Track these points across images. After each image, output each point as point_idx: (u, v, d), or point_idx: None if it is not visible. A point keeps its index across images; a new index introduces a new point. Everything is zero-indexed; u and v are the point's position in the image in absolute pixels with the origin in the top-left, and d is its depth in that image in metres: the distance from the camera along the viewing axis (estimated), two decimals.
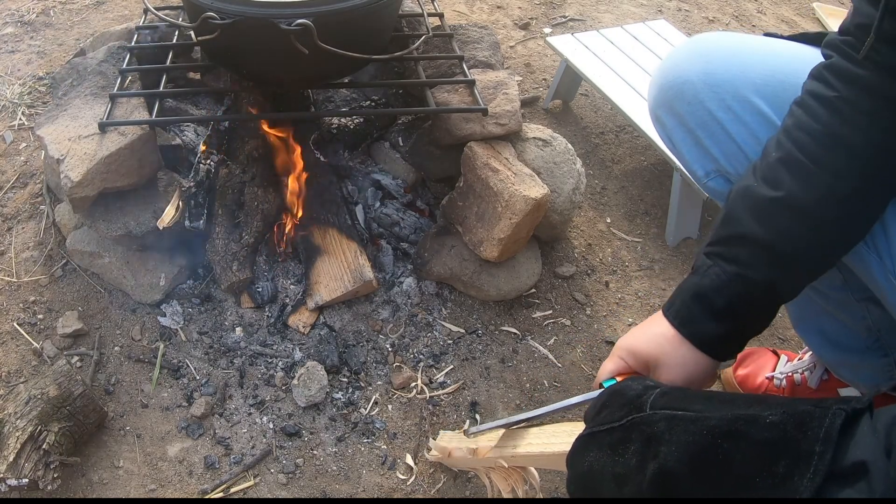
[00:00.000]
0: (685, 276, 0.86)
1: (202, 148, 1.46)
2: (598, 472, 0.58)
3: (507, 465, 1.01)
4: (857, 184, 0.77)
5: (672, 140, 1.01)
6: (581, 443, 0.66)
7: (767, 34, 1.00)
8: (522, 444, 0.99)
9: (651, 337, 0.84)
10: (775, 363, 1.34)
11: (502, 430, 1.03)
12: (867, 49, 0.73)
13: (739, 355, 1.39)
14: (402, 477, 1.23)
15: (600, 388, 0.89)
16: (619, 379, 0.89)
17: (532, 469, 1.03)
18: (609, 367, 0.89)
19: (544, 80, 2.25)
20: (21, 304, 1.42)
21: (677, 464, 0.50)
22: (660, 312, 0.86)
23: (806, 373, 1.29)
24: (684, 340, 0.81)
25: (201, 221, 1.38)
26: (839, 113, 0.77)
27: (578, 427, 0.85)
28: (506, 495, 1.07)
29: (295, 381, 1.29)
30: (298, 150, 1.47)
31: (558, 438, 0.93)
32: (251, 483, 1.19)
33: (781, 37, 0.99)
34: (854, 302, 1.02)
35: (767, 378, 1.32)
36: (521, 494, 1.05)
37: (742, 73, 0.91)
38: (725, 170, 0.94)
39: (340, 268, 1.41)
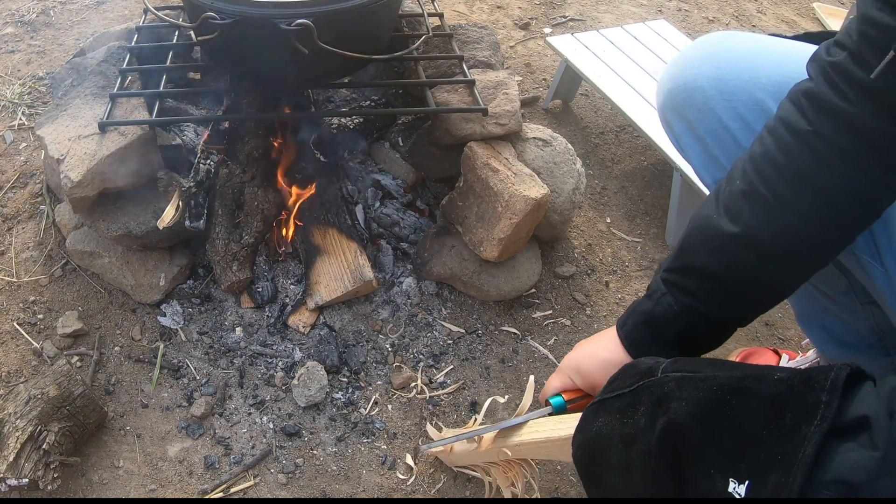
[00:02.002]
0: (640, 296, 0.87)
1: (205, 139, 1.46)
2: (607, 436, 0.58)
3: (510, 455, 1.00)
4: (820, 227, 0.72)
5: (681, 144, 1.01)
6: (591, 411, 0.65)
7: (771, 35, 0.99)
8: (528, 432, 0.98)
9: (598, 361, 0.85)
10: (777, 362, 1.34)
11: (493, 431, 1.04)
12: (881, 71, 0.60)
13: (741, 355, 1.39)
14: (402, 477, 1.23)
15: (546, 404, 0.92)
16: (565, 396, 0.92)
17: (532, 463, 1.03)
18: (555, 384, 0.91)
19: (544, 80, 2.25)
20: (21, 304, 1.42)
21: (687, 417, 0.50)
22: (611, 329, 0.87)
23: (806, 366, 1.29)
24: (627, 356, 0.83)
25: (201, 221, 1.38)
26: (811, 149, 0.69)
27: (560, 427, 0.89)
28: (505, 491, 1.07)
29: (295, 381, 1.29)
30: (298, 150, 1.47)
31: (565, 424, 0.91)
32: (251, 483, 1.19)
33: (786, 37, 0.98)
34: (859, 306, 1.02)
35: None
36: (520, 490, 1.05)
37: (753, 78, 0.89)
38: None
39: (340, 268, 1.41)
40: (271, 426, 1.27)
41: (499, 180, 1.34)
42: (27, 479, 1.05)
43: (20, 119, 1.87)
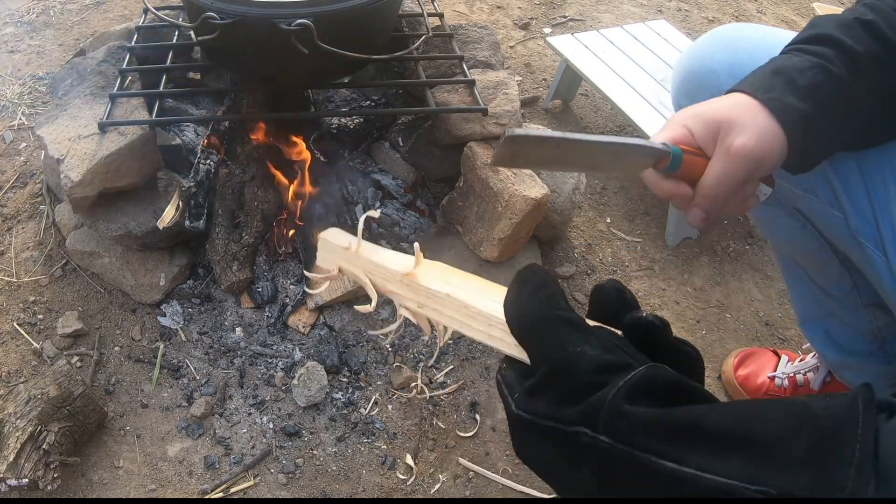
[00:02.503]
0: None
1: (204, 143, 1.46)
2: (551, 463, 0.48)
3: (434, 317, 0.94)
4: None
5: None
6: (521, 426, 0.49)
7: None
8: (430, 308, 0.88)
9: (721, 103, 0.75)
10: (776, 363, 1.34)
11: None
12: None
13: (739, 355, 1.39)
14: (402, 477, 1.23)
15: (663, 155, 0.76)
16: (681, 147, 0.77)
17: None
18: (665, 136, 0.76)
19: (544, 80, 2.25)
20: (21, 304, 1.42)
21: None
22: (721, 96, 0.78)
23: (809, 374, 1.29)
24: (763, 108, 0.72)
25: (201, 221, 1.38)
26: None
27: (499, 296, 0.72)
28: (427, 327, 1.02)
29: (295, 381, 1.29)
30: (298, 149, 1.47)
31: (476, 323, 0.84)
32: (251, 483, 1.19)
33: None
34: (861, 307, 1.02)
35: (769, 378, 1.32)
36: (448, 334, 0.99)
37: None
38: None
39: None
40: (271, 426, 1.27)
41: (499, 180, 1.34)
42: (27, 479, 1.05)
43: (20, 119, 1.87)
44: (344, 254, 1.07)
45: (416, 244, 0.86)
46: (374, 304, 0.91)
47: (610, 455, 0.42)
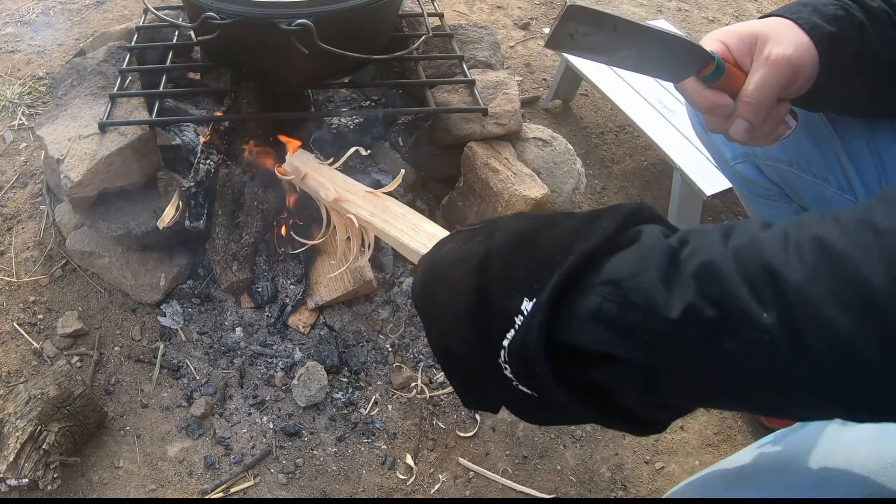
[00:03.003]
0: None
1: (204, 139, 1.46)
2: (445, 258, 0.59)
3: (356, 225, 1.04)
4: None
5: (701, 122, 1.01)
6: (443, 239, 0.64)
7: None
8: (381, 217, 1.00)
9: (754, 22, 0.78)
10: None
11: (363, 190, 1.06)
12: None
13: None
14: (402, 477, 1.23)
15: (707, 62, 0.77)
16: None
17: (376, 236, 1.04)
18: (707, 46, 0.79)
19: (544, 80, 2.25)
20: (21, 304, 1.42)
21: (503, 244, 0.53)
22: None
23: None
24: (795, 25, 0.75)
25: (201, 221, 1.38)
26: None
27: (441, 234, 0.86)
28: (340, 241, 1.14)
29: (295, 381, 1.29)
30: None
31: (417, 236, 0.93)
32: (251, 483, 1.19)
33: None
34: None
35: None
36: (353, 248, 1.09)
37: None
38: (754, 154, 0.92)
39: (341, 267, 1.41)
40: (271, 426, 1.27)
41: (499, 180, 1.34)
42: (27, 479, 1.05)
43: (20, 119, 1.87)
44: (317, 165, 1.14)
45: (402, 171, 1.03)
46: (331, 193, 1.06)
47: (507, 216, 0.57)
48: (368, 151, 1.43)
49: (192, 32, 1.28)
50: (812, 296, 0.40)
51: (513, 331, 0.48)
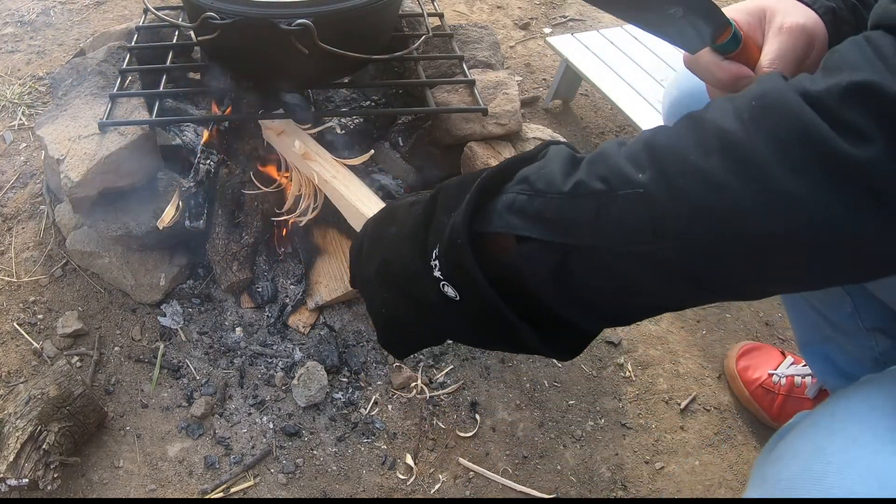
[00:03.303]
0: None
1: (205, 138, 1.46)
2: (400, 204, 0.68)
3: (315, 182, 1.16)
4: None
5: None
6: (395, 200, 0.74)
7: None
8: (341, 182, 1.15)
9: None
10: (779, 362, 1.34)
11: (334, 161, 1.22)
12: None
13: (744, 347, 1.39)
14: (402, 477, 1.23)
15: (723, 30, 0.75)
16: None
17: (329, 198, 1.18)
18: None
19: (544, 80, 2.25)
20: (21, 304, 1.42)
21: (450, 183, 0.62)
22: None
23: (807, 379, 1.29)
24: (798, 2, 0.74)
25: (201, 221, 1.38)
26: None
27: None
28: (291, 195, 1.31)
29: (295, 381, 1.29)
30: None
31: (370, 205, 1.05)
32: (251, 483, 1.19)
33: None
34: (863, 331, 1.00)
35: (768, 374, 1.33)
36: (302, 205, 1.28)
37: None
38: None
39: (341, 268, 1.41)
40: (271, 426, 1.27)
41: None
42: (27, 479, 1.05)
43: (20, 119, 1.87)
44: (295, 127, 1.20)
45: (372, 151, 1.17)
46: (301, 149, 1.21)
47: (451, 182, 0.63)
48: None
49: (192, 32, 1.28)
50: (679, 149, 0.48)
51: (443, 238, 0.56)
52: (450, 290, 0.57)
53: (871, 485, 0.50)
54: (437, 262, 0.57)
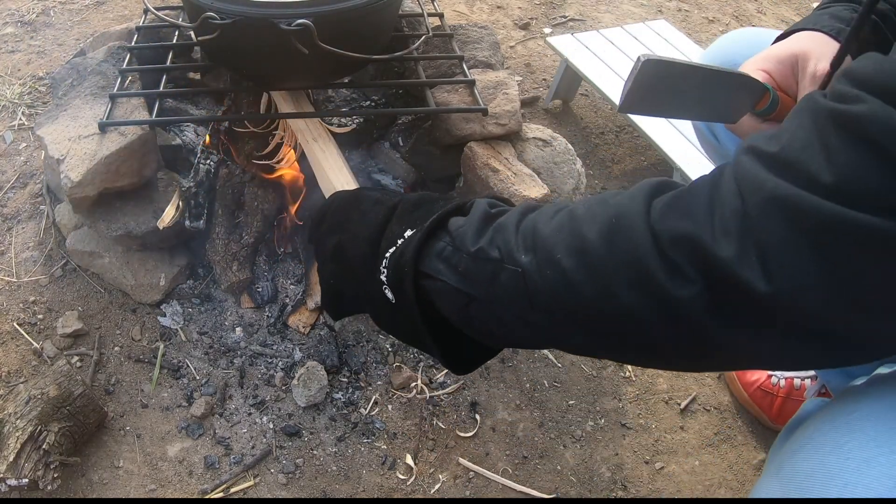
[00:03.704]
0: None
1: (207, 140, 1.47)
2: (368, 196, 0.83)
3: (295, 139, 1.32)
4: None
5: (705, 125, 1.01)
6: (362, 187, 0.96)
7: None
8: (319, 146, 1.27)
9: (785, 43, 0.79)
10: None
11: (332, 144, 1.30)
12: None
13: None
14: (402, 477, 1.23)
15: (763, 95, 0.78)
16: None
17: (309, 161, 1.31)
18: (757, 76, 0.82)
19: (544, 80, 2.25)
20: (21, 304, 1.42)
21: (409, 200, 0.79)
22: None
23: (807, 381, 1.29)
24: (826, 36, 0.77)
25: (201, 221, 1.38)
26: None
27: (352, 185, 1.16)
28: (274, 141, 1.41)
29: (295, 381, 1.29)
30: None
31: (340, 176, 1.20)
32: (251, 483, 1.19)
33: None
34: None
35: (768, 375, 1.33)
36: (280, 154, 1.41)
37: None
38: None
39: None
40: (271, 426, 1.27)
41: (499, 180, 1.34)
42: (27, 479, 1.05)
43: (20, 119, 1.87)
44: (297, 93, 1.34)
45: (355, 125, 1.42)
46: (291, 107, 1.33)
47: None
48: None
49: (192, 32, 1.28)
50: (552, 244, 0.59)
51: (394, 248, 0.71)
52: (389, 293, 0.72)
53: (888, 483, 0.51)
54: (385, 269, 0.71)
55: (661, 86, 0.69)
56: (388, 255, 0.71)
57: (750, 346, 0.53)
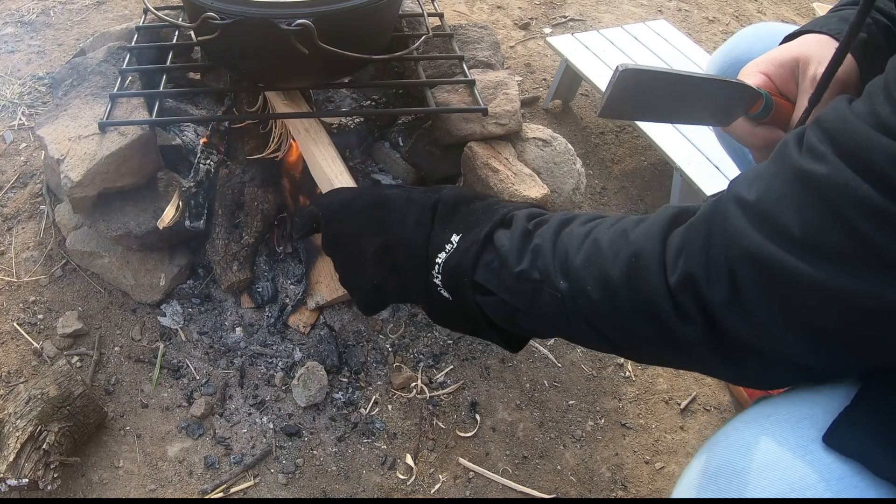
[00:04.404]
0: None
1: (204, 141, 1.47)
2: (395, 196, 0.86)
3: (296, 136, 1.33)
4: None
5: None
6: (374, 185, 1.04)
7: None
8: (311, 137, 1.28)
9: (788, 46, 0.80)
10: None
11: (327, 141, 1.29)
12: None
13: None
14: (402, 477, 1.23)
15: (754, 101, 0.77)
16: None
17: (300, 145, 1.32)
18: (752, 82, 0.81)
19: (544, 80, 2.25)
20: (21, 304, 1.42)
21: (448, 197, 0.84)
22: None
23: None
24: (829, 39, 0.77)
25: (201, 221, 1.38)
26: None
27: (344, 177, 1.18)
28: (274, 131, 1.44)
29: (295, 381, 1.29)
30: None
31: (334, 167, 1.21)
32: (251, 483, 1.19)
33: None
34: None
35: None
36: (269, 143, 1.43)
37: None
38: None
39: None
40: (271, 426, 1.27)
41: (499, 180, 1.34)
42: (27, 479, 1.05)
43: (20, 119, 1.87)
44: (292, 91, 1.35)
45: (345, 113, 1.45)
46: (284, 103, 1.34)
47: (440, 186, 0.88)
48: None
49: (192, 32, 1.28)
50: (583, 278, 0.66)
51: (444, 253, 0.78)
52: (445, 293, 0.79)
53: (781, 487, 0.55)
54: (439, 275, 0.78)
55: (639, 94, 0.70)
56: (439, 260, 0.78)
57: (743, 372, 0.61)
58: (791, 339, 0.55)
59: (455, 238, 0.77)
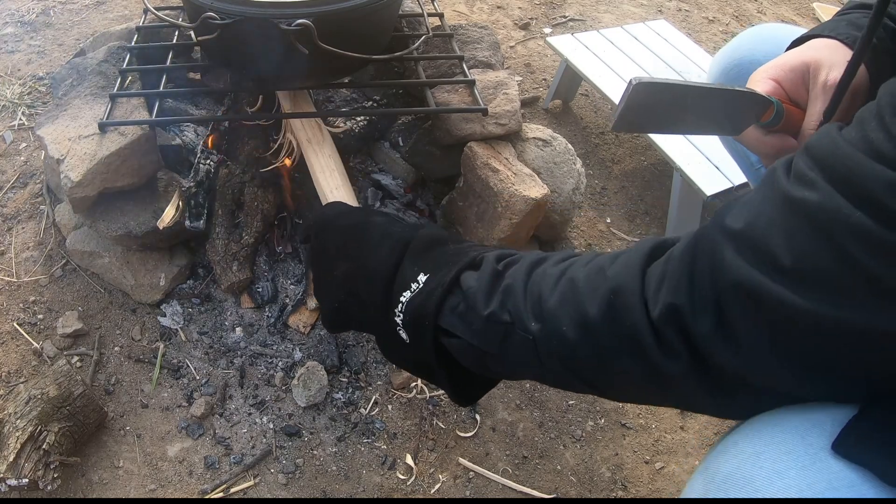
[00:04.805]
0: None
1: (208, 143, 1.47)
2: (376, 224, 0.85)
3: (299, 145, 1.34)
4: None
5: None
6: (364, 207, 1.00)
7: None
8: (313, 148, 1.30)
9: (799, 51, 0.79)
10: None
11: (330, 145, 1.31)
12: None
13: None
14: (402, 477, 1.23)
15: (766, 109, 0.77)
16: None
17: (303, 151, 1.34)
18: (763, 89, 0.80)
19: (544, 80, 2.25)
20: (21, 304, 1.42)
21: (422, 239, 0.81)
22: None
23: None
24: (840, 44, 0.77)
25: (201, 221, 1.38)
26: None
27: (343, 189, 1.22)
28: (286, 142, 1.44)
29: (295, 381, 1.29)
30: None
31: (331, 179, 1.24)
32: (251, 483, 1.20)
33: None
34: None
35: None
36: (289, 162, 1.43)
37: None
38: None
39: None
40: (271, 426, 1.27)
41: (499, 180, 1.34)
42: (27, 479, 1.05)
43: (20, 119, 1.87)
44: (302, 92, 1.37)
45: (347, 126, 1.44)
46: (290, 107, 1.38)
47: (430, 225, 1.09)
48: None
49: (192, 32, 1.28)
50: (559, 317, 0.63)
51: (408, 292, 0.75)
52: (403, 334, 0.76)
53: (792, 493, 0.54)
54: (401, 314, 0.75)
55: (653, 107, 0.69)
56: (403, 299, 0.75)
57: (731, 404, 0.60)
58: (781, 369, 0.53)
59: (422, 277, 0.75)
